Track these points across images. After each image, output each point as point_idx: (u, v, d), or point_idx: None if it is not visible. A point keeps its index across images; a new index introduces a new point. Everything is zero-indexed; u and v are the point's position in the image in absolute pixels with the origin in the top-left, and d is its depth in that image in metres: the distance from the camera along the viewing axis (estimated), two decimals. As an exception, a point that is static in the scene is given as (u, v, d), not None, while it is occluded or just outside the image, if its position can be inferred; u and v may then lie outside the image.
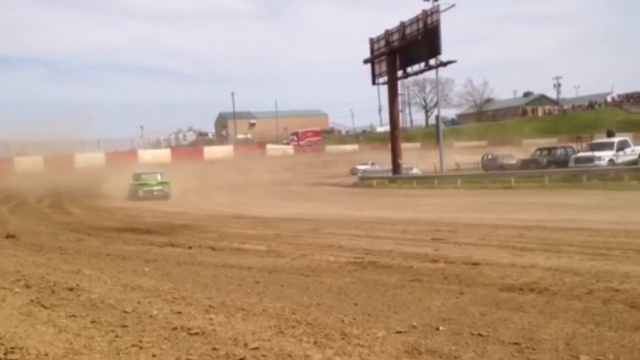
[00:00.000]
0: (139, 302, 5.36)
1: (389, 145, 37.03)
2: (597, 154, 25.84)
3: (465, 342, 3.83)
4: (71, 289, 6.07)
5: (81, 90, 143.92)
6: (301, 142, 72.05)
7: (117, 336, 4.25)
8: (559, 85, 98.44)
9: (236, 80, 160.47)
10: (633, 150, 27.13)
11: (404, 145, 37.73)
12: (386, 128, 54.67)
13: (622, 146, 26.85)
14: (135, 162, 40.99)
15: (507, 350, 3.62)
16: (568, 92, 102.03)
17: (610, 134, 31.15)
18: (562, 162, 28.11)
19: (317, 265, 7.24)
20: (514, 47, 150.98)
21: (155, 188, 26.46)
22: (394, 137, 35.82)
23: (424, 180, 30.87)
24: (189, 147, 65.91)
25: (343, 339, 4.01)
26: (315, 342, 3.95)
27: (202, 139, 78.79)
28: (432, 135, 41.22)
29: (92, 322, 4.70)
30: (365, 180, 34.21)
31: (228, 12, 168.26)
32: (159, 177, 27.77)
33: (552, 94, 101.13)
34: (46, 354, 3.83)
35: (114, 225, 14.63)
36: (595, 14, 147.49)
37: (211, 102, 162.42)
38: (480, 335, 3.95)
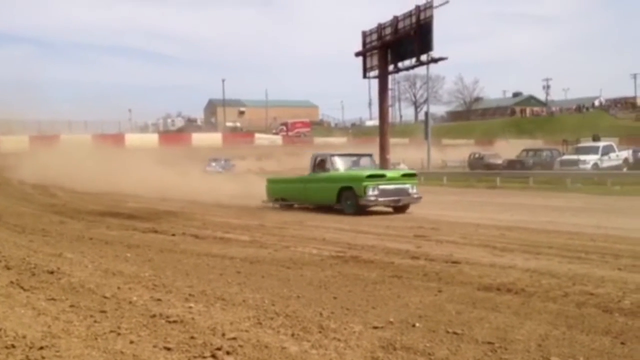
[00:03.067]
0: (119, 288, 5.37)
1: (378, 139, 37.09)
2: (582, 157, 26.16)
3: (440, 339, 3.89)
4: (52, 272, 6.06)
5: (69, 70, 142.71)
6: (290, 133, 71.79)
7: (95, 321, 4.26)
8: (548, 87, 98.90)
9: (227, 67, 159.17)
10: (617, 155, 27.54)
11: (392, 140, 37.81)
12: (375, 122, 54.70)
13: (607, 151, 27.22)
14: (123, 146, 40.68)
15: (481, 349, 3.68)
16: (557, 94, 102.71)
17: (595, 138, 31.49)
18: (548, 164, 28.42)
19: (299, 258, 7.28)
20: (505, 46, 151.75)
21: (396, 186, 14.12)
22: (383, 131, 35.81)
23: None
24: (177, 133, 65.36)
25: (320, 332, 4.06)
26: (292, 334, 3.99)
27: (191, 125, 78.21)
28: (421, 131, 41.34)
29: (71, 306, 4.71)
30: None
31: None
32: (368, 162, 15.85)
33: (541, 96, 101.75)
34: (24, 337, 3.84)
35: (98, 209, 14.55)
36: (587, 17, 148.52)
37: (201, 88, 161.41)
38: (455, 333, 4.01)
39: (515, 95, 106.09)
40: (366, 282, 5.79)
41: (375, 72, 36.48)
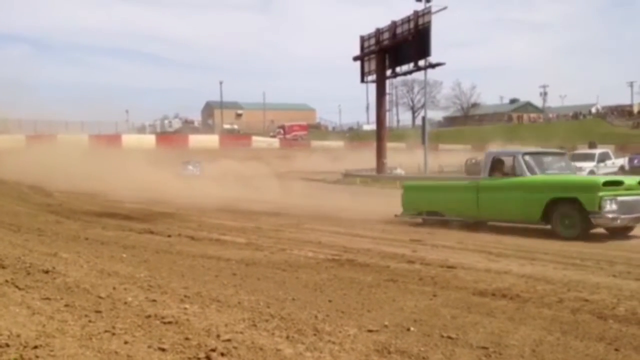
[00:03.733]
0: (114, 288, 5.36)
1: (374, 144, 37.18)
2: (578, 164, 26.22)
3: (434, 343, 3.90)
4: (47, 272, 6.03)
5: (67, 71, 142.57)
6: (287, 136, 71.94)
7: (90, 321, 4.25)
8: (545, 93, 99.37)
9: (225, 69, 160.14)
10: (613, 163, 27.72)
11: (389, 145, 37.89)
12: (373, 126, 54.78)
13: (603, 158, 27.38)
14: (120, 147, 40.66)
15: (475, 354, 3.69)
16: (554, 101, 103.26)
17: (592, 146, 31.63)
18: (544, 171, 28.53)
19: (295, 260, 7.28)
20: (503, 53, 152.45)
21: (636, 198, 10.14)
22: (380, 135, 35.96)
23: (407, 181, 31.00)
24: (174, 134, 65.32)
25: (315, 334, 4.06)
26: (287, 337, 3.99)
27: (188, 127, 78.22)
28: (418, 136, 41.48)
29: (66, 305, 4.69)
30: (348, 178, 34.29)
31: (220, 0, 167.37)
32: (564, 163, 12.02)
33: (538, 102, 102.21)
34: (18, 336, 3.82)
35: (94, 209, 14.52)
36: (584, 25, 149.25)
37: (199, 90, 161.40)
38: (449, 337, 4.02)
39: (513, 101, 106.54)
40: (361, 285, 5.80)
41: (373, 77, 36.71)
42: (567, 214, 9.98)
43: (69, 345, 3.70)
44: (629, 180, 10.78)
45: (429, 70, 32.87)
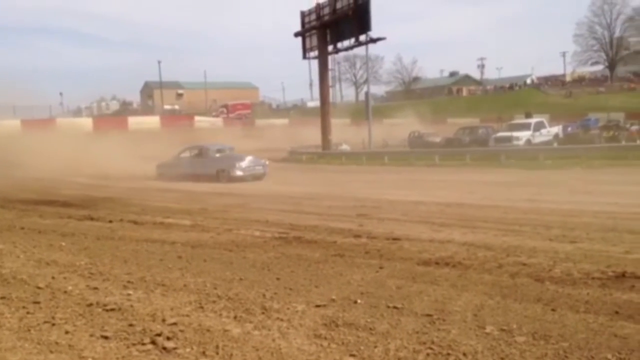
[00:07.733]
0: (53, 278, 5.18)
1: (319, 120, 37.16)
2: (515, 134, 27.07)
3: (381, 314, 3.97)
4: (-20, 265, 5.77)
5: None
6: (231, 115, 70.79)
7: (28, 312, 4.10)
8: (483, 66, 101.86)
9: (163, 48, 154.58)
10: (548, 131, 28.71)
11: (333, 121, 37.93)
12: (317, 103, 54.61)
13: (538, 127, 28.30)
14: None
15: (420, 322, 3.78)
16: (491, 73, 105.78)
17: (528, 116, 32.69)
18: (483, 141, 29.30)
19: (242, 240, 7.23)
20: (443, 26, 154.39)
21: None
22: (324, 112, 35.97)
23: (353, 157, 31.24)
24: (112, 117, 63.13)
25: (263, 313, 4.05)
26: (235, 317, 3.97)
27: (127, 109, 75.86)
28: (362, 111, 41.69)
29: (2, 298, 4.51)
30: (294, 156, 34.24)
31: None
32: None
33: (476, 75, 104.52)
34: (-51, 333, 3.65)
35: (30, 197, 13.93)
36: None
37: (136, 71, 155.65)
38: (395, 307, 4.10)
39: (452, 74, 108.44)
40: (309, 262, 5.82)
41: (315, 53, 36.54)
42: None
43: (6, 338, 3.56)
44: None
45: (371, 45, 33.00)
